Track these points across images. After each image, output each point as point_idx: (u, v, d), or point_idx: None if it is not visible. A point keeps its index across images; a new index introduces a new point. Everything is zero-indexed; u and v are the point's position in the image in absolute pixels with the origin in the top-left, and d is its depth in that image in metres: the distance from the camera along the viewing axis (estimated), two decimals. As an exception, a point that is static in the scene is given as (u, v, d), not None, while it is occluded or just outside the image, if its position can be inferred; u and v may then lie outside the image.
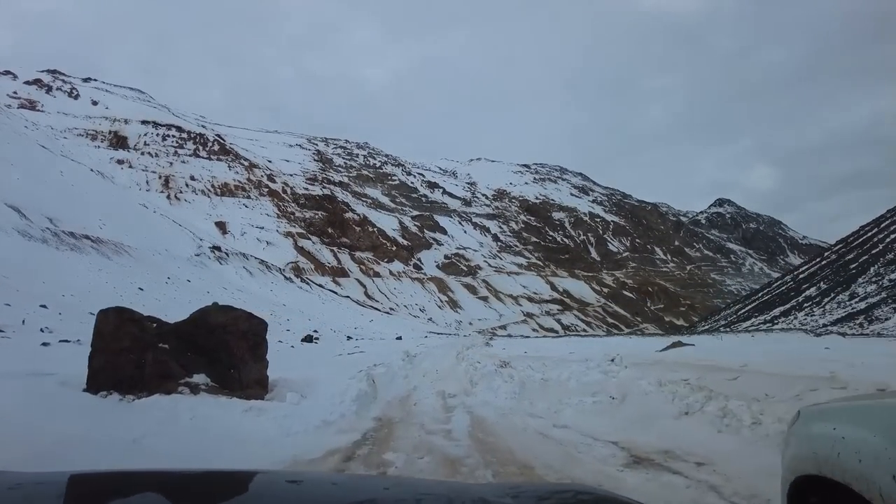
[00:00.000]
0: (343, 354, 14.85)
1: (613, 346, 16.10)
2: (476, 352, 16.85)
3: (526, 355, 13.15)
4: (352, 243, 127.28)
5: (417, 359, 14.57)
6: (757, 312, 56.17)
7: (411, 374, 11.34)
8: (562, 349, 15.56)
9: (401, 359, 13.38)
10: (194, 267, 50.38)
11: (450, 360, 14.10)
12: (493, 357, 13.40)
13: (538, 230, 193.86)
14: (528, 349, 16.87)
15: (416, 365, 13.06)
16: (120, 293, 23.65)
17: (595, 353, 10.81)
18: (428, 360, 14.79)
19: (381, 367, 10.54)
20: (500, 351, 16.79)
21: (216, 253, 65.57)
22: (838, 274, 51.91)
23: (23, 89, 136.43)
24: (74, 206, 42.71)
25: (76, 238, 28.67)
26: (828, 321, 40.24)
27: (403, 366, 12.32)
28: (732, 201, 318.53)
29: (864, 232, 59.48)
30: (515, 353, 14.53)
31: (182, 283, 34.67)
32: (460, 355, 14.69)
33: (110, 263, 28.47)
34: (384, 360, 12.18)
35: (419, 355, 15.35)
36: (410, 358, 14.21)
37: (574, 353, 12.39)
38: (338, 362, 12.32)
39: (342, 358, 13.76)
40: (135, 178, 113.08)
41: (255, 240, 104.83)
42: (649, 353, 11.11)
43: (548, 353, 13.94)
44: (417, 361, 13.84)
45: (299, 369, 9.14)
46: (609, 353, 9.72)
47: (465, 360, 13.13)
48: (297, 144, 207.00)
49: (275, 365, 7.85)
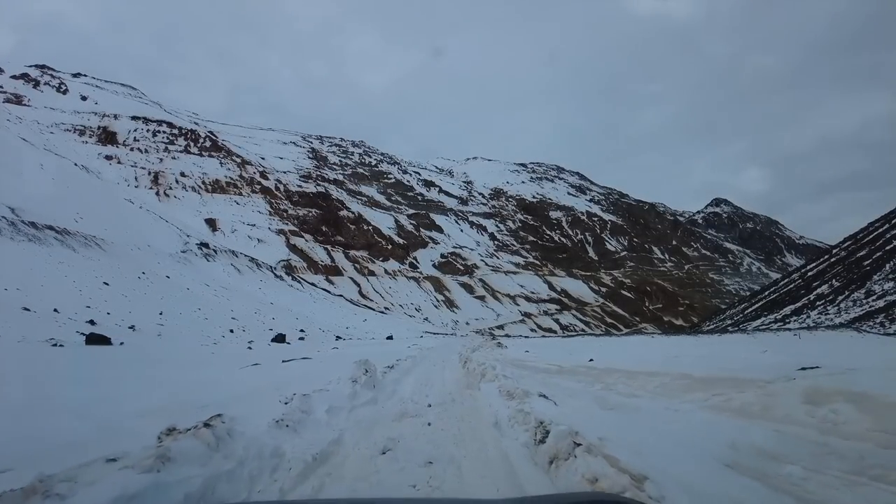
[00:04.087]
0: (289, 360, 9.63)
1: (683, 353, 11.69)
2: (487, 354, 12.67)
3: (591, 369, 7.77)
4: (346, 241, 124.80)
5: (397, 371, 8.97)
6: (766, 311, 54.11)
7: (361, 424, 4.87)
8: (618, 357, 11.41)
9: (352, 379, 6.38)
10: (177, 263, 47.99)
11: (451, 376, 9.19)
12: (529, 370, 8.56)
13: (535, 229, 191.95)
14: (566, 354, 12.80)
15: (388, 387, 7.18)
16: (79, 287, 21.28)
17: (693, 366, 6.69)
18: (418, 369, 10.36)
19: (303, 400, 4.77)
20: (526, 357, 12.02)
21: (204, 250, 63.28)
22: (851, 271, 49.95)
23: (9, 84, 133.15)
24: (49, 199, 40.28)
25: (37, 229, 26.22)
26: (844, 320, 38.17)
27: (357, 393, 5.97)
28: (729, 201, 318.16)
29: (875, 228, 57.63)
30: (561, 361, 9.24)
31: (159, 279, 32.26)
32: (469, 367, 9.40)
33: (75, 256, 26.05)
34: (332, 375, 6.50)
35: (398, 366, 9.55)
36: (382, 373, 7.75)
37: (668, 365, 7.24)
38: (237, 381, 6.77)
39: (258, 373, 7.67)
40: (123, 175, 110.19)
41: (246, 237, 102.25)
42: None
43: (611, 363, 8.22)
44: (393, 380, 7.92)
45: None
46: (717, 367, 6.28)
47: (482, 374, 7.64)
48: (292, 142, 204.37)
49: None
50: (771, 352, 11.05)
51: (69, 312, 15.97)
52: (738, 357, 9.53)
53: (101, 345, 8.79)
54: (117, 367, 6.54)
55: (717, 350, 13.30)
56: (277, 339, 17.19)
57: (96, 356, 7.31)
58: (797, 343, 15.43)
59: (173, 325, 20.03)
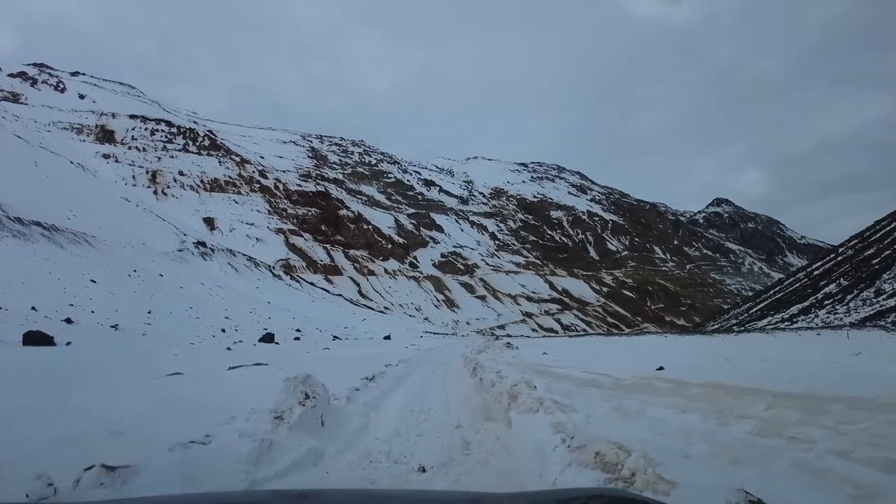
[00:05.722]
0: (236, 367, 7.10)
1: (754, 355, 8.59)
2: (496, 357, 10.53)
3: (679, 384, 5.73)
4: (346, 241, 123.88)
5: (380, 384, 6.52)
6: (772, 311, 53.26)
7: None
8: (671, 362, 8.23)
9: (275, 414, 3.58)
10: (172, 262, 47.05)
11: (456, 391, 6.85)
12: (565, 382, 6.07)
13: (536, 229, 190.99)
14: (591, 357, 10.11)
15: (355, 420, 4.57)
16: (64, 285, 20.38)
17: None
18: (412, 379, 8.18)
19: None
20: (548, 362, 9.07)
21: (201, 249, 62.35)
22: (859, 270, 49.12)
23: (6, 82, 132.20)
24: (42, 196, 39.41)
25: (23, 224, 25.33)
26: (854, 319, 37.30)
27: (275, 446, 3.21)
28: (730, 201, 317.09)
29: (882, 226, 56.80)
30: (600, 368, 6.91)
31: (151, 277, 31.36)
32: (482, 377, 7.00)
33: (62, 253, 25.17)
34: (261, 399, 3.79)
35: (384, 375, 7.36)
36: (352, 391, 5.43)
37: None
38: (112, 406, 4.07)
39: (161, 390, 4.93)
40: (121, 173, 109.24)
41: (244, 236, 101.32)
42: None
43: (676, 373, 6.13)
44: (369, 402, 5.41)
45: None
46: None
47: (510, 394, 4.85)
48: (291, 141, 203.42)
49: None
50: (864, 353, 8.63)
51: (48, 310, 15.07)
52: (833, 361, 6.78)
53: (40, 345, 7.59)
54: (25, 379, 4.71)
55: (784, 352, 9.68)
56: (265, 338, 16.29)
57: (19, 361, 5.90)
58: (866, 342, 13.70)
59: (161, 324, 19.13)
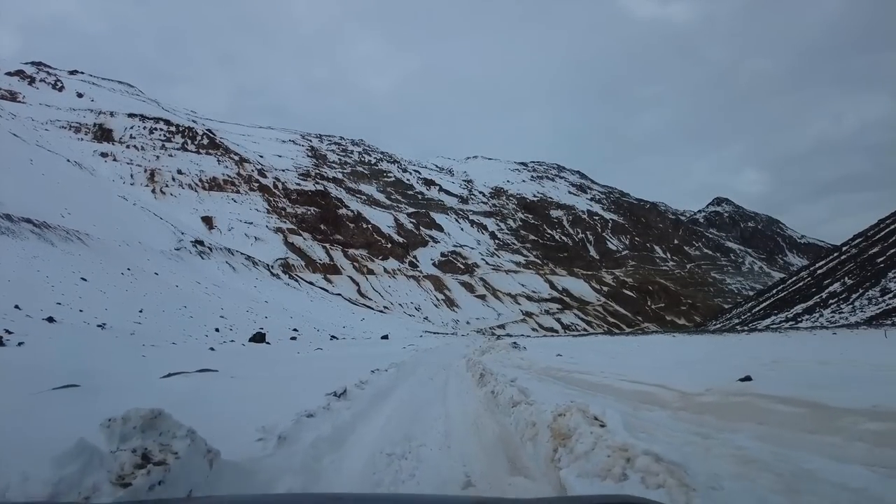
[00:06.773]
0: (175, 374, 5.62)
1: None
2: (503, 360, 9.10)
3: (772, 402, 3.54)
4: (345, 240, 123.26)
5: (358, 399, 5.22)
6: (776, 310, 52.72)
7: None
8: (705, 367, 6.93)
9: None
10: (169, 260, 46.49)
11: (461, 411, 5.32)
12: (613, 397, 5.03)
13: (536, 228, 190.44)
14: (609, 360, 8.49)
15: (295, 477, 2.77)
16: (52, 283, 19.82)
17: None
18: (404, 388, 6.96)
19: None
20: (567, 366, 7.37)
21: (198, 247, 61.81)
22: (864, 268, 48.57)
23: (4, 80, 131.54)
24: (35, 193, 38.89)
25: (13, 221, 24.76)
26: (860, 318, 36.75)
27: None
28: (730, 200, 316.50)
29: (886, 225, 56.26)
30: (637, 375, 5.61)
31: (145, 276, 30.79)
32: (495, 390, 5.76)
33: (52, 250, 24.60)
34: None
35: (369, 384, 6.24)
36: (319, 410, 4.16)
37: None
38: None
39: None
40: (119, 172, 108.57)
41: (242, 235, 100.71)
42: None
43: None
44: (332, 437, 3.64)
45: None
46: None
47: (562, 433, 2.94)
48: (291, 140, 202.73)
49: None
50: None
51: (32, 309, 14.51)
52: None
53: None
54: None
55: (843, 353, 8.35)
56: (256, 338, 15.71)
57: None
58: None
59: (152, 324, 18.56)
